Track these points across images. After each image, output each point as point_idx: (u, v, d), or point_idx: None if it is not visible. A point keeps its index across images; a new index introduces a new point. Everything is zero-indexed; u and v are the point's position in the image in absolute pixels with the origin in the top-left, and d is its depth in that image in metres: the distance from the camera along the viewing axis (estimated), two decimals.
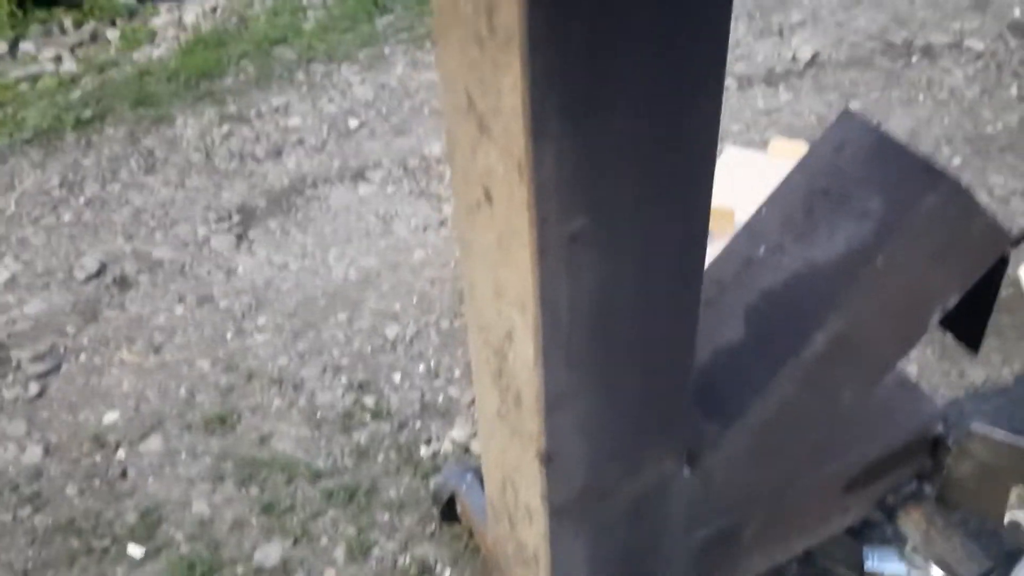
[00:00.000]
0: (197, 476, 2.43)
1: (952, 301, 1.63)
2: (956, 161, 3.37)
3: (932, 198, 1.47)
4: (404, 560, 2.21)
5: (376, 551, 2.24)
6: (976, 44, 4.00)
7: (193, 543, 2.26)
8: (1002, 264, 1.64)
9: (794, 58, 4.01)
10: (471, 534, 2.21)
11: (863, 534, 2.11)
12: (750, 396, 1.58)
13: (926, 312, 1.60)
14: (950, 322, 1.85)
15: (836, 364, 1.57)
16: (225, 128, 3.73)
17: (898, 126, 3.52)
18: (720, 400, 1.61)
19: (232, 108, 3.83)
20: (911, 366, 2.56)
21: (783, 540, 1.91)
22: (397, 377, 2.68)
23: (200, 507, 2.35)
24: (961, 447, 1.92)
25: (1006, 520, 1.90)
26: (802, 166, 1.65)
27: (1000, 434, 1.90)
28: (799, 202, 1.63)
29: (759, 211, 1.69)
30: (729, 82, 3.80)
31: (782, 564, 2.05)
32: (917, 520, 1.98)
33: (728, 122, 3.60)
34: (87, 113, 3.78)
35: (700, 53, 1.09)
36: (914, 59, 3.95)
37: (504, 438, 1.53)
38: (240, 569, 2.21)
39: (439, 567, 2.20)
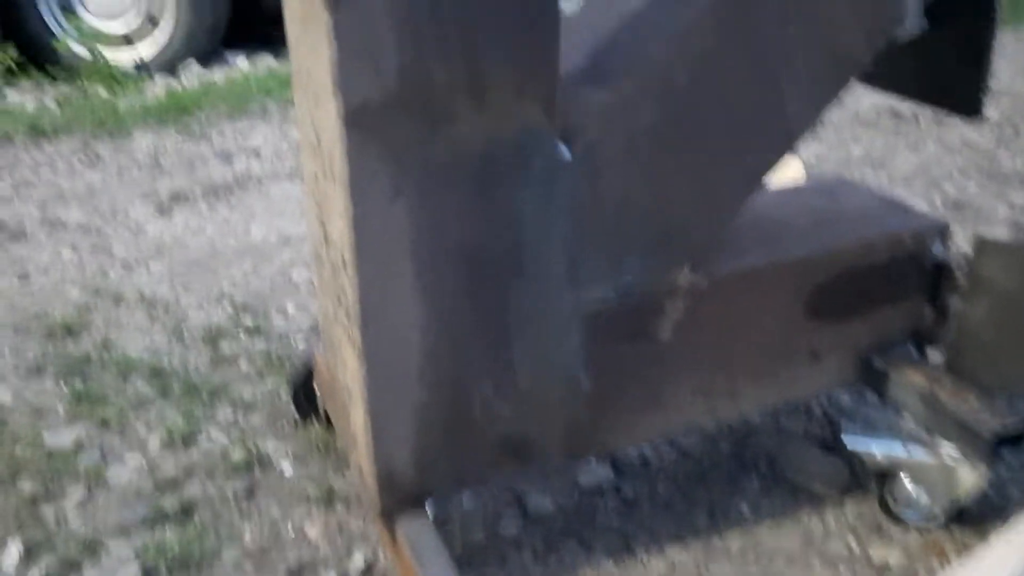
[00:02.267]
0: (11, 369, 1.95)
1: None
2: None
3: None
4: (235, 452, 1.66)
5: (203, 442, 1.70)
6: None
7: None
8: None
9: None
10: (328, 422, 1.67)
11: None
12: (653, 49, 1.16)
13: None
14: (934, 78, 1.42)
15: (769, 3, 1.15)
16: (181, 140, 3.52)
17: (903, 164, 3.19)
18: (615, 69, 1.19)
19: (195, 129, 3.65)
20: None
21: (725, 368, 1.36)
22: (291, 307, 2.22)
23: (1, 396, 1.85)
24: (973, 273, 1.41)
25: None
26: None
27: None
28: None
29: None
30: None
31: (722, 423, 1.48)
32: (917, 382, 1.42)
33: None
34: (44, 124, 3.62)
35: None
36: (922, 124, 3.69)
37: (305, 40, 1.12)
38: (19, 447, 1.68)
39: (279, 461, 1.65)
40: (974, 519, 1.44)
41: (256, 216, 2.82)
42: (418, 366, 1.15)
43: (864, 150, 3.29)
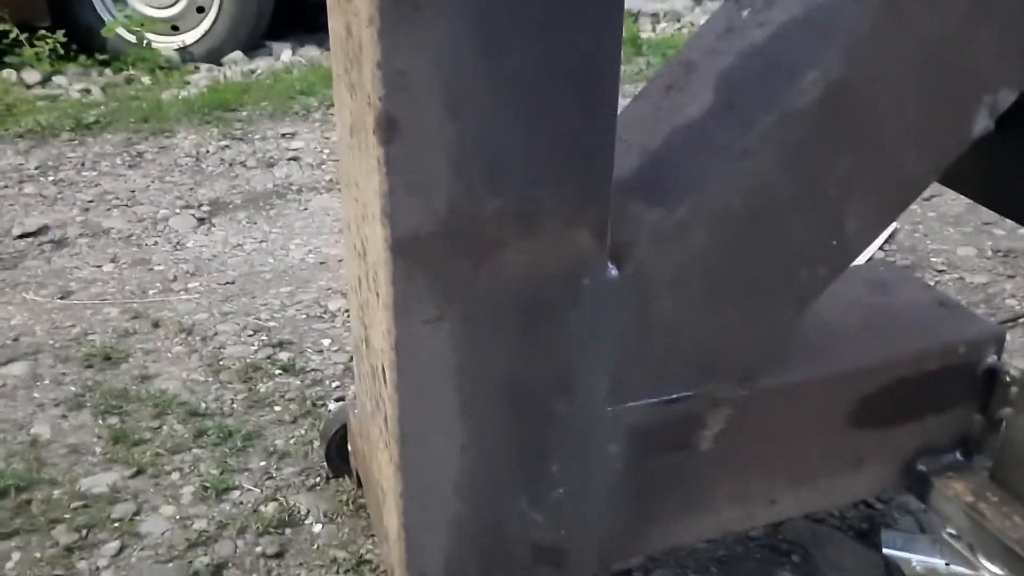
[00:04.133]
0: (51, 401, 1.97)
1: (1004, 97, 1.18)
2: None
3: None
4: (267, 508, 1.67)
5: (235, 494, 1.71)
6: None
7: (12, 460, 1.77)
8: None
9: None
10: (359, 483, 1.67)
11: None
12: (708, 169, 1.13)
13: (963, 93, 1.15)
14: (995, 182, 1.38)
15: (830, 132, 1.12)
16: (224, 143, 3.52)
17: None
18: (669, 187, 1.16)
19: (237, 130, 3.64)
20: None
21: (765, 476, 1.35)
22: (326, 342, 2.22)
23: (40, 429, 1.88)
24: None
25: None
26: None
27: None
28: None
29: None
30: None
31: (763, 533, 1.46)
32: (960, 493, 1.39)
33: None
34: (90, 118, 3.64)
35: None
36: None
37: (353, 152, 1.10)
38: (57, 492, 1.70)
39: (310, 519, 1.65)
40: None
41: (295, 233, 2.82)
42: (455, 481, 1.14)
43: None
